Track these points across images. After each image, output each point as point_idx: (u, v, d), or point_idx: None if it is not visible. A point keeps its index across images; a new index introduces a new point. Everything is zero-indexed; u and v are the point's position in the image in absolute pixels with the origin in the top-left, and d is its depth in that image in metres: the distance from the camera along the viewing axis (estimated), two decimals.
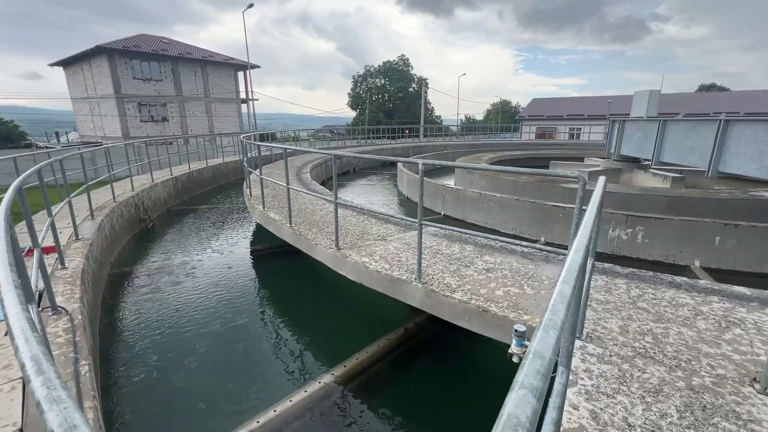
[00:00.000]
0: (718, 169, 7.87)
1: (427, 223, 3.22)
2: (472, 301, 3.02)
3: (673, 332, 2.57)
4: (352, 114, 58.58)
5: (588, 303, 2.93)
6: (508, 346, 2.19)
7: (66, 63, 30.59)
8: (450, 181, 14.79)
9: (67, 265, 4.13)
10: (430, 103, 61.06)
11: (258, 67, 33.23)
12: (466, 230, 3.05)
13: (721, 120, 7.74)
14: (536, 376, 0.51)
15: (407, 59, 53.56)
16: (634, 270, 3.60)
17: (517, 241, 3.09)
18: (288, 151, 5.13)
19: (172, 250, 7.16)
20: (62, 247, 4.31)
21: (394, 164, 16.05)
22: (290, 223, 5.23)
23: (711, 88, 48.12)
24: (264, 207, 6.25)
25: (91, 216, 6.07)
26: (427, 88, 52.45)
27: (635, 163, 11.62)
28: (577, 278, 0.86)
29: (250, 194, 7.23)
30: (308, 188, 8.47)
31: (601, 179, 2.20)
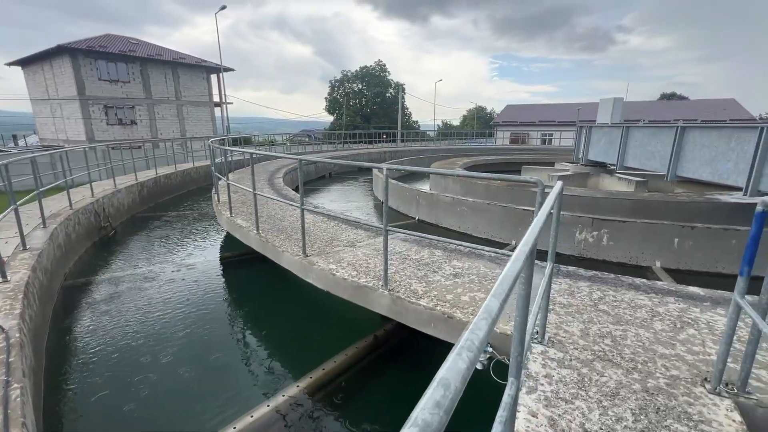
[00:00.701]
0: (676, 174, 8.25)
1: (393, 229, 3.18)
2: (438, 308, 2.99)
3: (631, 334, 2.62)
4: (330, 118, 58.36)
5: (552, 308, 2.96)
6: None
7: (25, 62, 29.02)
8: (426, 186, 14.89)
9: (9, 277, 3.83)
10: (407, 109, 61.61)
11: (232, 70, 32.57)
12: (431, 236, 3.02)
13: (678, 127, 8.13)
14: (434, 410, 0.45)
15: (384, 65, 53.93)
16: (597, 273, 3.68)
17: (482, 247, 3.10)
18: (255, 156, 4.98)
19: (136, 258, 6.82)
20: (5, 259, 4.01)
21: (370, 169, 16.07)
22: (257, 229, 5.08)
23: (671, 96, 50.82)
24: (231, 213, 6.06)
25: (43, 224, 5.70)
26: (404, 93, 52.93)
27: (602, 167, 12.05)
28: (509, 291, 0.82)
29: (218, 200, 7.00)
30: (279, 194, 8.31)
31: (558, 184, 2.21)
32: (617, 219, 6.14)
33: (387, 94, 54.42)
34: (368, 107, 55.06)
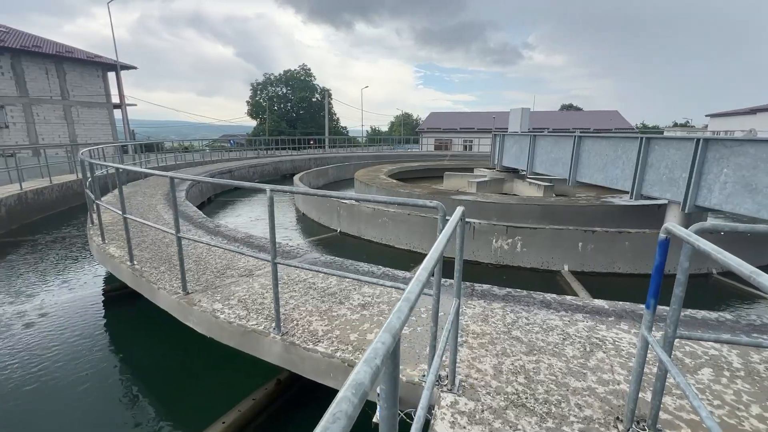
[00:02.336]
0: (576, 179, 8.91)
1: (282, 262, 2.65)
2: (338, 354, 2.53)
3: (544, 366, 2.41)
4: (253, 123, 55.36)
5: (464, 339, 2.67)
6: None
7: None
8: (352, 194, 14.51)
9: None
10: (335, 114, 61.11)
11: (133, 67, 28.99)
12: (327, 270, 2.55)
13: (575, 136, 8.78)
14: None
15: (309, 69, 52.78)
16: (510, 291, 3.53)
17: (394, 271, 2.72)
18: (121, 170, 4.05)
19: None
20: None
21: (293, 177, 15.15)
22: (131, 260, 4.15)
23: (570, 107, 57.48)
24: (104, 239, 4.97)
25: None
26: (331, 99, 52.32)
27: (515, 173, 12.76)
28: (384, 361, 0.61)
29: (92, 222, 5.77)
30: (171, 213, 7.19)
31: (458, 211, 1.89)
32: (528, 226, 6.31)
33: (313, 99, 53.28)
34: (294, 112, 53.35)
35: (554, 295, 3.45)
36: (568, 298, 3.42)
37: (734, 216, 8.13)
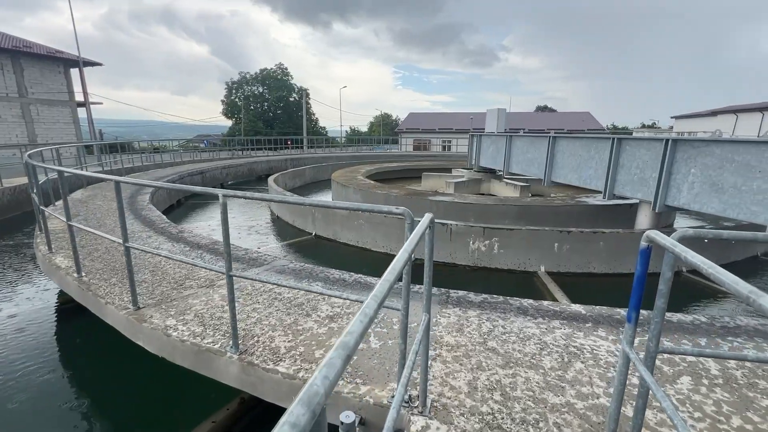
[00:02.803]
0: (551, 179, 8.97)
1: (238, 275, 2.41)
2: (300, 374, 2.31)
3: (521, 380, 2.27)
4: (229, 123, 53.97)
5: (438, 353, 2.50)
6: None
7: None
8: (328, 197, 14.22)
9: None
10: (314, 114, 60.43)
11: (99, 64, 27.61)
12: (286, 284, 2.33)
13: (550, 137, 8.84)
14: None
15: (286, 68, 51.92)
16: (486, 297, 3.40)
17: (367, 278, 2.52)
18: (67, 174, 3.67)
19: None
20: None
21: (267, 178, 14.71)
22: (78, 271, 3.78)
23: (544, 109, 58.89)
24: (50, 248, 4.55)
25: None
26: (309, 98, 51.63)
27: (492, 173, 12.81)
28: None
29: (40, 230, 5.31)
30: (138, 216, 6.77)
31: (426, 217, 1.72)
32: (505, 227, 6.25)
33: (291, 99, 52.45)
34: (271, 111, 52.35)
35: (531, 301, 3.34)
36: (546, 303, 3.32)
37: (700, 216, 8.36)
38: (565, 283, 5.80)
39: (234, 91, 51.83)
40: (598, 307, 3.22)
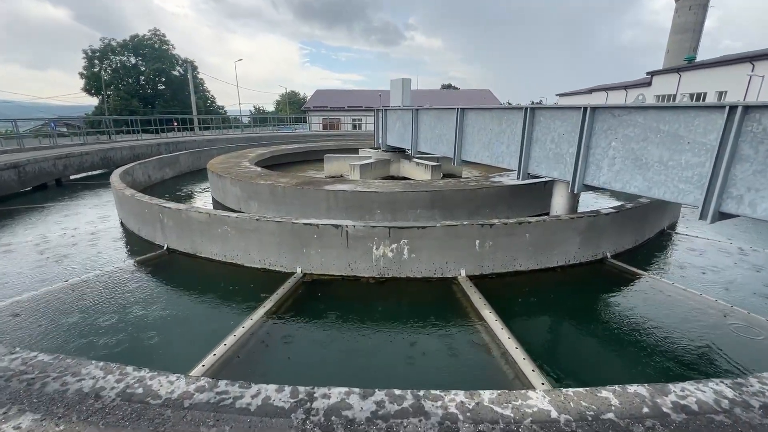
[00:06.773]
0: (461, 158, 7.90)
1: None
2: None
3: None
4: (96, 101, 44.47)
5: None
6: None
7: None
8: (207, 188, 11.58)
9: None
10: (208, 92, 53.37)
11: None
12: None
13: (458, 109, 7.69)
14: None
15: (163, 35, 43.96)
16: (383, 398, 1.83)
17: None
18: None
19: None
20: None
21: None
22: None
23: (449, 87, 60.60)
24: None
25: None
26: (197, 72, 44.88)
27: (402, 153, 11.52)
28: None
29: None
30: None
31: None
32: (416, 225, 4.84)
33: (174, 72, 45.00)
34: (150, 87, 44.37)
35: (463, 397, 1.86)
36: (500, 396, 1.86)
37: (623, 195, 7.69)
38: (488, 288, 4.66)
39: (98, 61, 42.52)
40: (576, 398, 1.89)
